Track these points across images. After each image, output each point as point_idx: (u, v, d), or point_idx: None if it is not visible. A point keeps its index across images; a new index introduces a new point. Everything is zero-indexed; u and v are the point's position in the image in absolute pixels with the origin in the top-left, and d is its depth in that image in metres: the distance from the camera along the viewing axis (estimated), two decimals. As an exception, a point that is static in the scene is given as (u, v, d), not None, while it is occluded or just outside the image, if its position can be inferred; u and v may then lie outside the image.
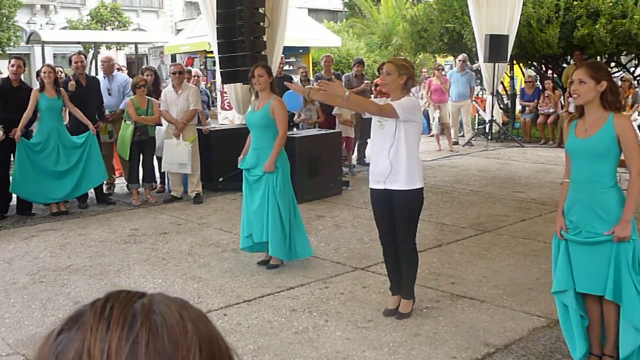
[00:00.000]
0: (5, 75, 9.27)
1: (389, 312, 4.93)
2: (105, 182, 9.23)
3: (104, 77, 9.84)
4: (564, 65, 16.29)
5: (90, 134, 8.35)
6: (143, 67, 11.58)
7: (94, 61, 20.97)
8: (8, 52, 27.78)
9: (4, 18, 27.52)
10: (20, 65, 8.31)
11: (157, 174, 9.83)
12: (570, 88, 3.86)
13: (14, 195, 8.60)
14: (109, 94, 9.58)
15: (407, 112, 4.61)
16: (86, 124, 8.34)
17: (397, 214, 4.76)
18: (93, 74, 15.66)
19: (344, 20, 33.79)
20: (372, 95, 11.91)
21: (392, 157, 4.66)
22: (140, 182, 9.16)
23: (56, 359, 0.68)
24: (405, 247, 4.84)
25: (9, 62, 8.37)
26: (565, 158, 4.04)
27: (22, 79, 8.55)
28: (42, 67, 8.52)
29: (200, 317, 0.73)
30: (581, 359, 3.96)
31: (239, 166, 6.19)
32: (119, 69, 11.48)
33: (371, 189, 4.86)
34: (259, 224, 5.96)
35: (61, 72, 9.99)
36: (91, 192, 9.12)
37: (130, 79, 9.63)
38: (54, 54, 31.20)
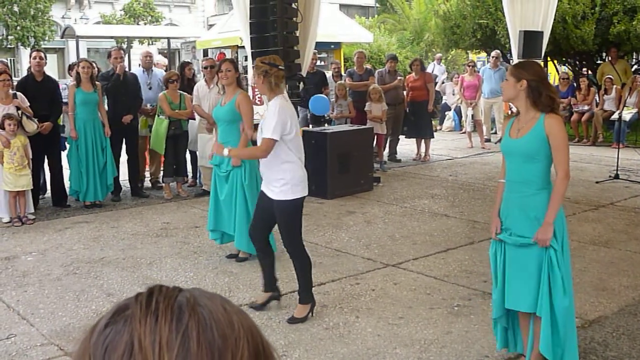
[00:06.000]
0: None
1: (255, 305, 5.00)
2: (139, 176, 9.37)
3: (143, 71, 9.84)
4: (599, 62, 16.05)
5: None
6: (183, 60, 11.60)
7: (126, 56, 21.16)
8: (43, 46, 28.27)
9: (40, 13, 28.00)
10: (42, 57, 8.33)
11: (189, 168, 9.87)
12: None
13: (49, 187, 8.73)
14: (149, 88, 9.60)
15: (281, 130, 4.53)
16: (104, 124, 8.42)
17: (277, 219, 4.76)
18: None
19: (376, 15, 33.70)
20: (405, 92, 11.89)
21: (263, 167, 4.72)
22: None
23: (105, 351, 0.67)
24: (290, 251, 4.82)
25: (30, 55, 8.42)
26: (502, 158, 3.95)
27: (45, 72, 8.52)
28: (80, 61, 8.57)
29: (241, 311, 0.74)
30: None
31: (209, 162, 6.26)
32: (156, 64, 11.53)
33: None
34: (229, 216, 6.09)
35: (94, 68, 10.07)
36: (125, 186, 9.22)
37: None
38: (87, 48, 31.65)
